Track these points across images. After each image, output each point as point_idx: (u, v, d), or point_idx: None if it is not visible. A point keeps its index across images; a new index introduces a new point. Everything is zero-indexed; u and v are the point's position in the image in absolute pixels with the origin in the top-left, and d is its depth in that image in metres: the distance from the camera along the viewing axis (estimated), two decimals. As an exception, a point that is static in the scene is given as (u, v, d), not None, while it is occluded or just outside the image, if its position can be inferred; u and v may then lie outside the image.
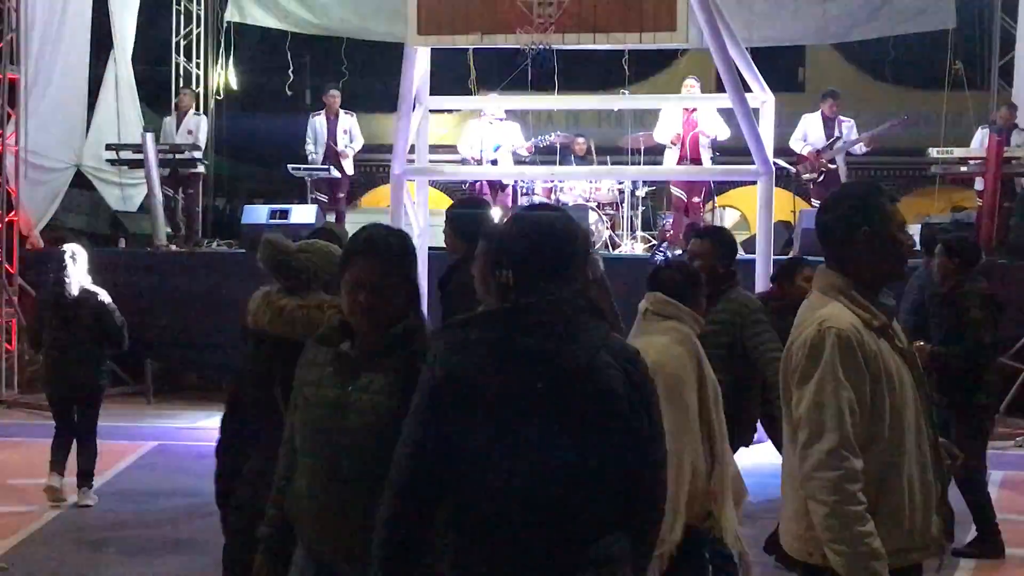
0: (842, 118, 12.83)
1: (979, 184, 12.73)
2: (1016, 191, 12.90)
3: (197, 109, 14.92)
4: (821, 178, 12.63)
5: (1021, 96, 14.04)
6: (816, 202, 12.53)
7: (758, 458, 5.96)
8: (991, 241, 11.83)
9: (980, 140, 12.67)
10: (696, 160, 12.34)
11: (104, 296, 7.84)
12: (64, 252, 7.84)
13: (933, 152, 12.55)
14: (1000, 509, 7.60)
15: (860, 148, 12.77)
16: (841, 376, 3.01)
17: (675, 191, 12.73)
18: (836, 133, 12.70)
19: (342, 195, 13.79)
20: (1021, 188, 13.27)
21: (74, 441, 7.78)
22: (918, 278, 7.77)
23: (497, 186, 12.86)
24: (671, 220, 13.05)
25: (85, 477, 7.76)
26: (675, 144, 12.41)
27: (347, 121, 13.73)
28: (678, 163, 12.40)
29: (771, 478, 3.90)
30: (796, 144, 12.80)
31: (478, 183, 12.86)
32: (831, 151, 12.64)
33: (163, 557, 6.72)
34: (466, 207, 6.14)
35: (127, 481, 8.52)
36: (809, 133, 12.84)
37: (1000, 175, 11.99)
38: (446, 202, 15.72)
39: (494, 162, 12.71)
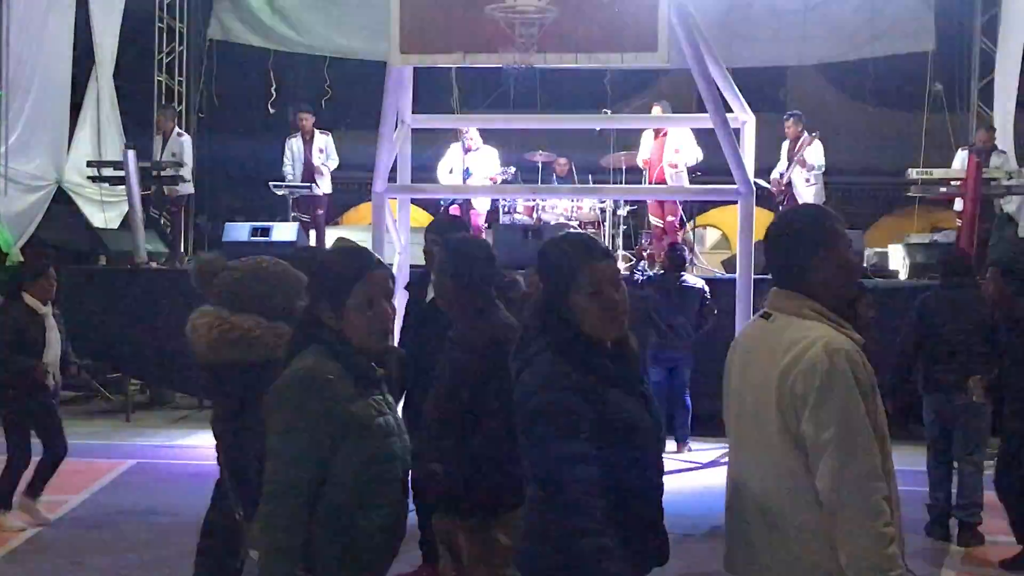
0: (810, 138, 12.92)
1: (958, 205, 12.82)
2: (995, 212, 13.00)
3: (180, 128, 14.92)
4: (785, 200, 12.79)
5: (1001, 118, 14.16)
6: None
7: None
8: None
9: (961, 161, 12.77)
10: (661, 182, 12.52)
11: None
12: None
13: (912, 173, 12.64)
14: (988, 531, 7.61)
15: (811, 167, 12.86)
16: (859, 397, 2.97)
17: (652, 219, 12.89)
18: (796, 154, 12.86)
19: (321, 211, 13.82)
20: (999, 209, 13.37)
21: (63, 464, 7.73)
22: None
23: (469, 206, 13.01)
24: (651, 239, 13.14)
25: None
26: (644, 169, 12.62)
27: (322, 140, 13.80)
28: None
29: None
30: (774, 174, 13.02)
31: (452, 204, 12.98)
32: (785, 173, 12.83)
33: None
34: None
35: (105, 499, 8.47)
36: (780, 159, 13.04)
37: (979, 196, 12.08)
38: (427, 220, 15.79)
39: (466, 186, 12.89)
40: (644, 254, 12.65)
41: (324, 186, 13.76)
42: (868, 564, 2.89)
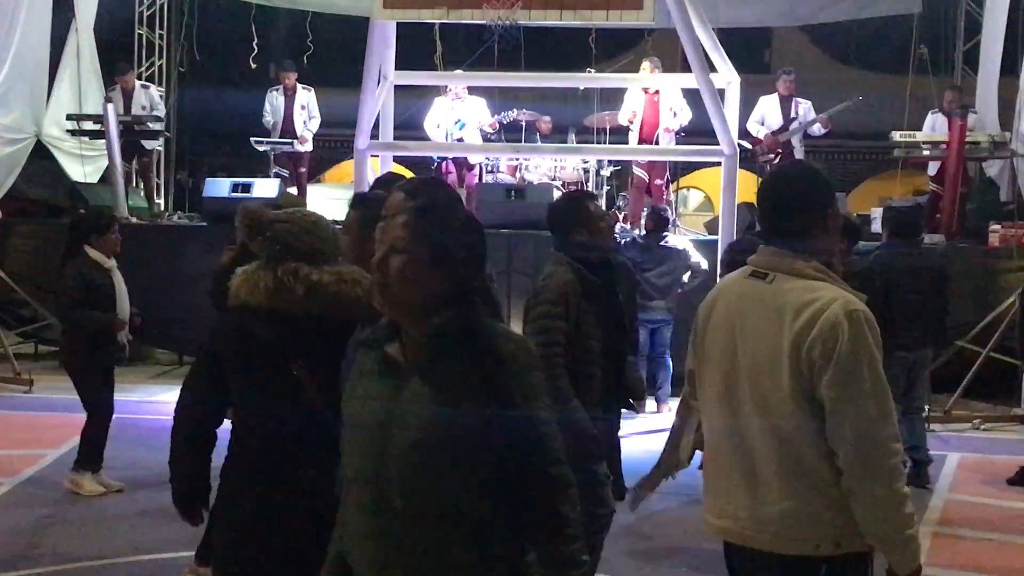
0: (799, 99, 12.85)
1: (931, 169, 12.80)
2: (971, 176, 13.00)
3: (152, 82, 14.80)
4: (777, 160, 12.68)
5: (986, 81, 14.13)
6: None
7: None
8: (952, 225, 11.94)
9: (931, 124, 12.74)
10: (652, 143, 12.34)
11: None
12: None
13: (896, 136, 12.62)
14: (956, 491, 7.72)
15: (818, 129, 12.79)
16: (879, 358, 2.95)
17: (636, 171, 12.70)
18: (793, 115, 12.73)
19: (303, 170, 13.74)
20: (976, 173, 13.38)
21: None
22: (878, 259, 7.82)
23: (463, 164, 12.82)
24: (627, 200, 13.05)
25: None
26: (631, 123, 12.42)
27: (304, 96, 13.68)
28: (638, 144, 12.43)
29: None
30: (753, 127, 12.82)
31: (444, 161, 12.81)
32: (788, 132, 12.68)
33: (120, 525, 6.72)
34: None
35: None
36: (767, 115, 12.86)
37: (962, 159, 12.08)
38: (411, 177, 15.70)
39: (459, 140, 12.65)
40: (620, 216, 12.55)
41: (306, 144, 13.65)
42: (888, 524, 2.91)
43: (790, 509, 3.00)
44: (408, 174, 13.64)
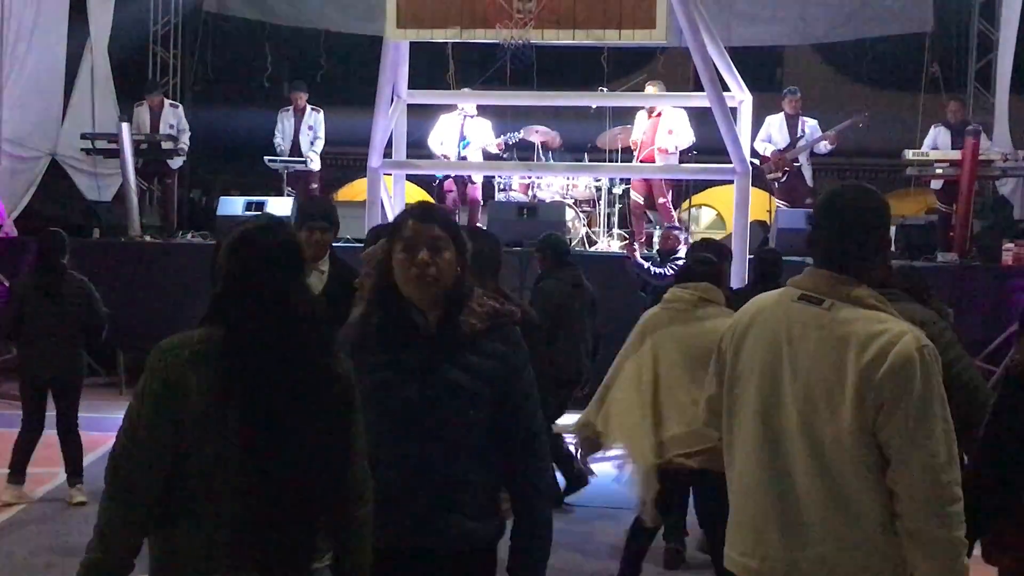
0: (805, 118, 12.81)
1: (935, 184, 12.74)
2: (976, 193, 12.97)
3: (173, 100, 14.84)
4: (784, 177, 12.69)
5: (1000, 99, 14.13)
6: (782, 203, 12.59)
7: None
8: (964, 244, 11.91)
9: (933, 137, 12.71)
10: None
11: (89, 283, 7.80)
12: (57, 236, 7.75)
13: (908, 154, 12.60)
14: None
15: (824, 146, 12.73)
16: (946, 397, 2.85)
17: (633, 195, 12.69)
18: (799, 132, 12.72)
19: (315, 186, 13.78)
20: (989, 191, 13.34)
21: (49, 439, 7.69)
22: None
23: (467, 181, 12.81)
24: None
25: (76, 473, 7.61)
26: (634, 150, 12.46)
27: (312, 117, 13.70)
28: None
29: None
30: (760, 146, 12.77)
31: (447, 179, 12.81)
32: (794, 150, 12.68)
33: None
34: None
35: (97, 471, 8.43)
36: (773, 133, 12.83)
37: (975, 178, 12.05)
38: (421, 196, 15.72)
39: (463, 158, 12.63)
40: (638, 242, 12.40)
41: (314, 163, 13.70)
42: (945, 570, 2.79)
43: (831, 553, 2.87)
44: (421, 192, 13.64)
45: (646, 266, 9.78)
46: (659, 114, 12.31)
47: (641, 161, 12.34)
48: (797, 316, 2.96)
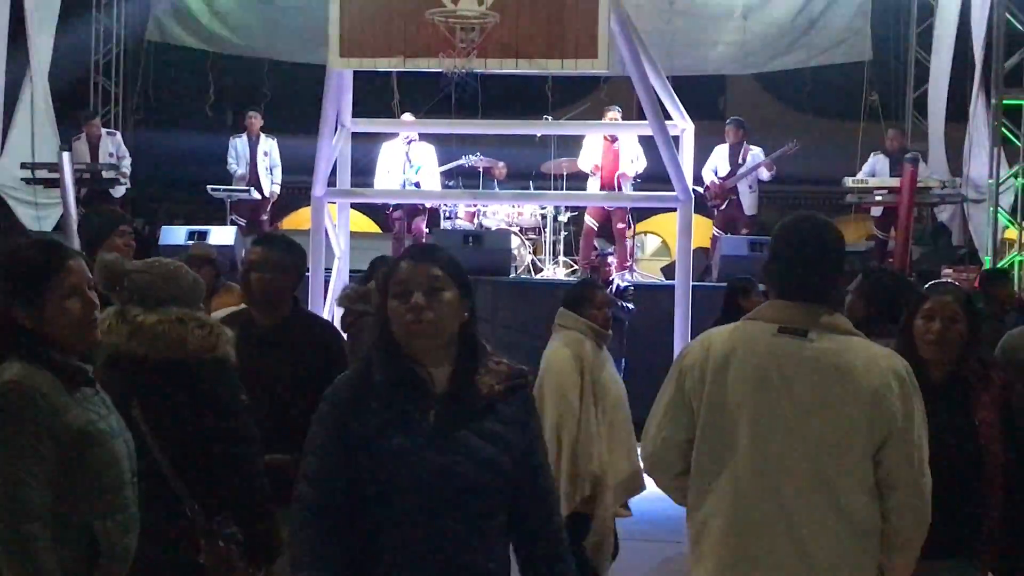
0: (749, 146, 12.98)
1: (874, 211, 12.94)
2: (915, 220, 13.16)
3: (113, 128, 14.72)
4: (724, 205, 12.84)
5: (935, 127, 14.37)
6: (719, 231, 12.74)
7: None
8: (904, 269, 12.06)
9: (872, 165, 12.91)
10: (614, 188, 12.41)
11: None
12: None
13: (848, 181, 12.76)
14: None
15: (764, 174, 12.90)
16: None
17: (587, 219, 12.76)
18: (740, 161, 12.87)
19: (264, 216, 13.71)
20: (928, 218, 13.55)
21: None
22: None
23: (418, 210, 12.77)
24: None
25: None
26: (595, 174, 12.50)
27: (267, 143, 13.70)
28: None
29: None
30: (707, 175, 12.93)
31: (397, 208, 12.77)
32: (734, 178, 12.83)
33: None
34: None
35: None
36: (718, 163, 13.02)
37: (913, 204, 12.23)
38: (367, 224, 15.68)
39: (416, 184, 12.58)
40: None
41: (267, 190, 13.63)
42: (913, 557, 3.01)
43: (855, 566, 2.96)
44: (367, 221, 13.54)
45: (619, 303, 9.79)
46: (616, 140, 12.38)
47: (602, 186, 12.39)
48: (783, 350, 2.97)
